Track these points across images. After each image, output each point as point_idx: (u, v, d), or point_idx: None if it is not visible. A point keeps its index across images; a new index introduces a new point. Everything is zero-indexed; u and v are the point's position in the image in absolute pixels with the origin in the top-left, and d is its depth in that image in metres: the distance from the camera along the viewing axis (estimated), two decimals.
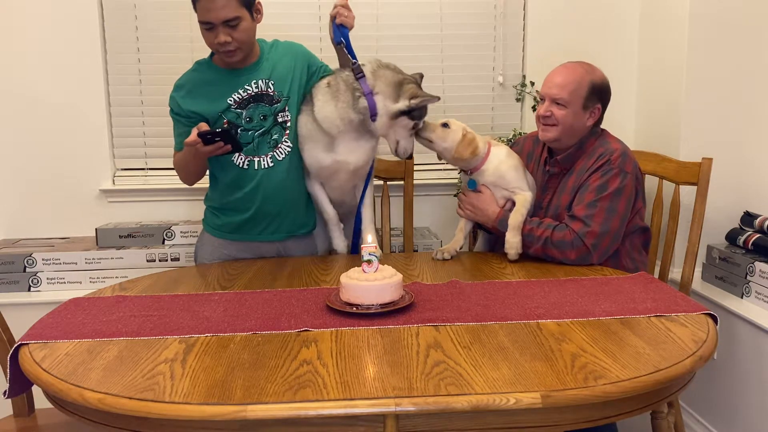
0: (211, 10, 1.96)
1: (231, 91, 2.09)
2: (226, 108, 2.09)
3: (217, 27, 1.99)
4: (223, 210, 2.21)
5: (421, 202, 2.86)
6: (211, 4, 1.96)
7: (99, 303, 1.75)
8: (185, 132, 2.08)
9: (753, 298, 2.18)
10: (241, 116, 2.10)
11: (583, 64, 2.13)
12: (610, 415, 1.28)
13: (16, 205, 2.83)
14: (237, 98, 2.09)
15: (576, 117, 2.09)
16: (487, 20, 2.91)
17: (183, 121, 2.12)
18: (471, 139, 2.11)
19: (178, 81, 2.16)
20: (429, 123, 2.14)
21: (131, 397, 1.21)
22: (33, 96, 2.76)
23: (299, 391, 1.22)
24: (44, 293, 2.56)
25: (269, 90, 2.12)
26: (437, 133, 2.13)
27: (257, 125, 2.11)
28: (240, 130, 2.10)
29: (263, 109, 2.11)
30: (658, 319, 1.54)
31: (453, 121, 2.15)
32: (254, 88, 2.10)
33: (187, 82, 2.15)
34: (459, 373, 1.27)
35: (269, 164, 2.13)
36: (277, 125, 2.13)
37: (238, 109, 2.10)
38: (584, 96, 2.08)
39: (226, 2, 1.96)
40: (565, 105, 2.07)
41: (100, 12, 2.76)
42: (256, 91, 2.11)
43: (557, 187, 2.16)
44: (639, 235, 2.15)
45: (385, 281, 1.60)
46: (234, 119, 2.09)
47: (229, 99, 2.09)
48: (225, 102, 2.09)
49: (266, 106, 2.12)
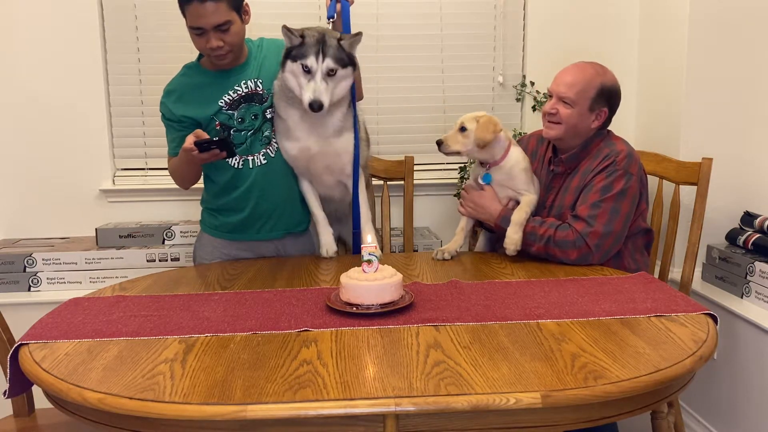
0: (201, 15, 1.96)
1: (221, 93, 2.09)
2: (217, 110, 2.09)
3: (208, 32, 1.98)
4: (220, 210, 2.22)
5: (421, 202, 2.87)
6: (202, 9, 1.94)
7: (99, 303, 1.75)
8: (178, 137, 2.08)
9: (753, 298, 2.18)
10: (233, 117, 2.10)
11: (595, 66, 2.11)
12: (610, 415, 1.28)
13: (16, 205, 2.83)
14: (228, 100, 2.09)
15: (581, 118, 2.08)
16: (487, 20, 2.92)
17: (175, 126, 2.12)
18: (487, 120, 2.09)
19: (168, 86, 2.15)
20: (447, 137, 2.11)
21: (131, 397, 1.21)
22: (33, 96, 2.76)
23: (299, 391, 1.22)
24: (44, 293, 2.56)
25: (258, 89, 2.12)
26: (458, 140, 2.10)
27: (249, 125, 2.11)
28: (233, 131, 2.10)
29: (254, 109, 2.11)
30: (658, 319, 1.54)
31: (465, 118, 2.12)
32: (244, 88, 2.10)
33: (176, 87, 2.14)
34: (459, 373, 1.27)
35: (262, 162, 2.13)
36: (267, 122, 2.14)
37: (230, 111, 2.09)
38: (592, 98, 2.07)
39: (216, 7, 1.95)
40: (571, 104, 2.07)
41: (100, 12, 2.77)
42: (246, 92, 2.11)
43: (561, 187, 2.16)
44: (642, 237, 2.15)
45: (385, 281, 1.60)
46: (226, 121, 2.09)
47: (220, 101, 2.09)
48: (216, 105, 2.09)
49: (257, 105, 2.12)
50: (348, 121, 2.15)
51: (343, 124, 2.13)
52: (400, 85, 2.91)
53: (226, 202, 2.18)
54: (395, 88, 2.91)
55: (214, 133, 2.09)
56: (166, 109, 2.13)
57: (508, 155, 2.13)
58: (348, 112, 2.15)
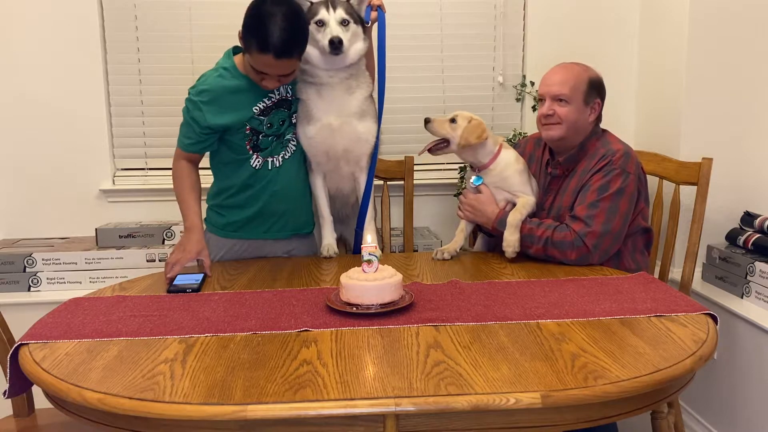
0: (271, 66, 1.91)
1: (257, 99, 2.07)
2: (250, 117, 2.07)
3: (272, 77, 1.96)
4: (228, 208, 2.20)
5: (421, 202, 2.87)
6: (273, 63, 1.89)
7: (99, 303, 1.75)
8: (196, 139, 2.05)
9: (753, 298, 2.18)
10: (263, 123, 2.09)
11: (578, 63, 2.15)
12: (610, 415, 1.28)
13: (16, 205, 2.83)
14: (262, 106, 2.07)
15: (579, 113, 2.09)
16: (487, 20, 2.92)
17: (196, 128, 2.04)
18: (476, 124, 2.11)
19: (201, 84, 2.04)
20: (436, 119, 2.14)
21: (131, 397, 1.21)
22: (33, 96, 2.76)
23: (299, 391, 1.22)
24: (44, 293, 2.56)
25: (288, 95, 2.13)
26: (445, 128, 2.14)
27: (276, 130, 2.11)
28: (261, 136, 2.09)
29: (282, 114, 2.12)
30: (658, 319, 1.54)
31: (460, 113, 2.15)
32: (277, 95, 2.10)
33: (211, 88, 2.03)
34: (459, 373, 1.27)
35: (279, 163, 2.14)
36: (291, 126, 2.15)
37: (261, 117, 2.08)
38: (584, 91, 2.09)
39: (290, 63, 1.91)
40: (567, 101, 2.08)
41: (100, 12, 2.77)
42: (279, 98, 2.11)
43: (559, 189, 2.16)
44: (641, 236, 2.15)
45: (385, 281, 1.60)
46: (257, 126, 2.08)
47: (255, 108, 2.07)
48: (251, 111, 2.06)
49: (285, 110, 2.12)
50: (371, 108, 2.18)
51: (366, 109, 2.15)
52: (400, 85, 2.91)
53: (238, 200, 2.17)
54: (395, 88, 2.90)
55: (242, 136, 2.06)
56: (196, 109, 2.02)
57: (498, 158, 2.14)
58: (370, 100, 2.18)
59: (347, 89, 2.11)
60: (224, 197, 2.19)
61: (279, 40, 1.85)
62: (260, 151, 2.11)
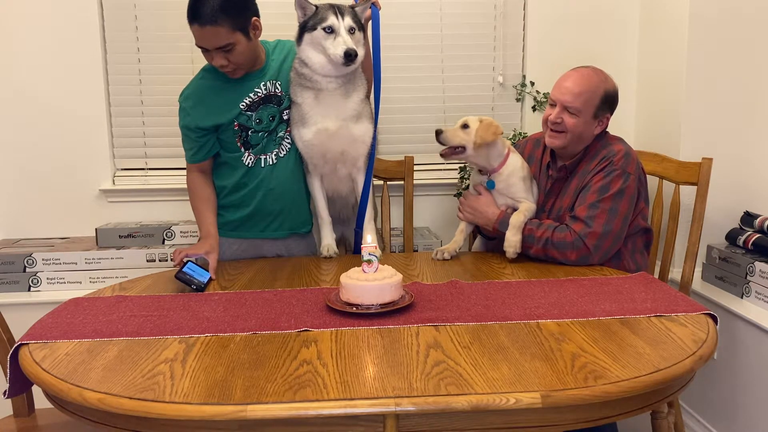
0: (202, 38, 1.96)
1: (242, 96, 2.09)
2: (238, 113, 2.08)
3: (212, 51, 1.98)
4: (224, 207, 2.21)
5: (421, 202, 2.87)
6: (202, 32, 1.94)
7: (99, 303, 1.75)
8: (196, 145, 2.10)
9: (753, 298, 2.18)
10: (252, 119, 2.10)
11: (597, 72, 2.10)
12: (610, 415, 1.28)
13: (16, 205, 2.83)
14: (248, 102, 2.09)
15: (586, 125, 2.07)
16: (487, 20, 2.92)
17: (192, 135, 2.11)
18: (489, 122, 2.10)
19: (186, 91, 2.13)
20: (448, 129, 2.12)
21: (131, 397, 1.21)
22: (33, 96, 2.76)
23: (299, 391, 1.22)
24: (44, 293, 2.56)
25: (277, 90, 2.13)
26: (459, 135, 2.11)
27: (266, 126, 2.11)
28: (250, 132, 2.10)
29: (272, 110, 2.12)
30: (658, 319, 1.54)
31: (467, 118, 2.13)
32: (263, 90, 2.11)
33: (195, 91, 2.11)
34: (459, 373, 1.27)
35: (273, 161, 2.14)
36: (282, 123, 2.14)
37: (249, 112, 2.10)
38: (597, 105, 2.06)
39: (215, 32, 1.93)
40: (576, 114, 2.05)
41: (100, 12, 2.77)
42: (265, 93, 2.11)
43: (560, 191, 2.16)
44: (641, 236, 2.15)
45: (385, 281, 1.60)
46: (245, 122, 2.09)
47: (241, 104, 2.08)
48: (237, 108, 2.08)
49: (274, 106, 2.12)
50: (366, 109, 2.17)
51: (362, 111, 2.15)
52: (400, 85, 2.91)
53: (233, 200, 2.18)
54: (395, 88, 2.91)
55: (231, 133, 2.09)
56: (185, 116, 2.10)
57: (507, 162, 2.14)
58: (366, 102, 2.17)
59: (344, 93, 2.10)
60: (221, 197, 2.20)
61: (199, 6, 1.90)
62: (251, 148, 2.12)
